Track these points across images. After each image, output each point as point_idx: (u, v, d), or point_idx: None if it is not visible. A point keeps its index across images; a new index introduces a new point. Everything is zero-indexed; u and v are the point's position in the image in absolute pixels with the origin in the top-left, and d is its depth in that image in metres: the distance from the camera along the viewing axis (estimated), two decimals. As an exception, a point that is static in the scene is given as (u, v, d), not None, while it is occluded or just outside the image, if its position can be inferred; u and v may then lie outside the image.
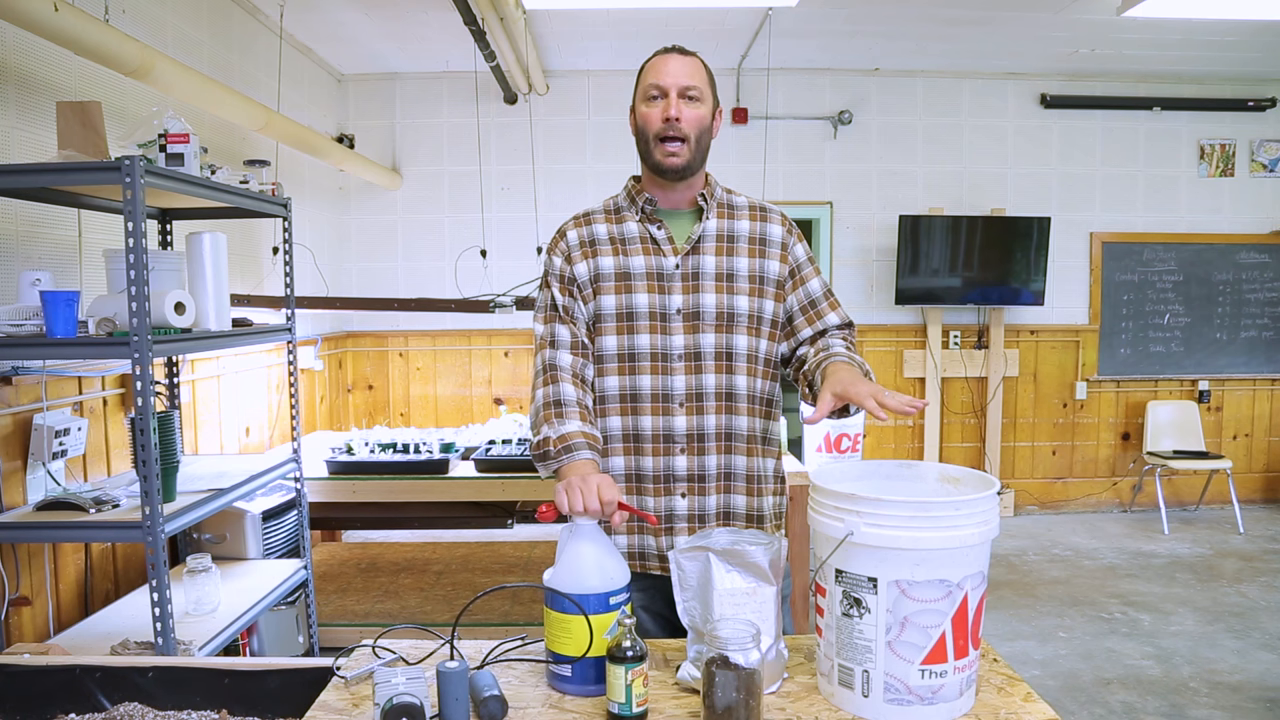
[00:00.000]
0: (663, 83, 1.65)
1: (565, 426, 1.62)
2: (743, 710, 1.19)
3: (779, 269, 1.74)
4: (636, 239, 1.72)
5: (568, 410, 1.65)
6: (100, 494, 2.33)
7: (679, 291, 1.69)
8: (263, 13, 4.29)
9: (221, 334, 2.58)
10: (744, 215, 1.76)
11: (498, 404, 5.80)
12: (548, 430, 1.62)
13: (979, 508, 1.23)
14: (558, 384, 1.68)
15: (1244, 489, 5.98)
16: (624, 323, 1.70)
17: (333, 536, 5.06)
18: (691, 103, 1.66)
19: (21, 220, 2.57)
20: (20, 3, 2.20)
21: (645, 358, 1.69)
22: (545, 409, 1.66)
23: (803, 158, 5.77)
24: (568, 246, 1.75)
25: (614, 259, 1.71)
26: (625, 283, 1.70)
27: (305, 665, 1.46)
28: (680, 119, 1.64)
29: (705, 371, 1.69)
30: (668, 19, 4.66)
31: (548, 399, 1.67)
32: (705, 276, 1.70)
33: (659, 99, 1.66)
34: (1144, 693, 3.35)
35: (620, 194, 1.80)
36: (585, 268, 1.72)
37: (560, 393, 1.67)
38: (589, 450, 1.60)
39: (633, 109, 1.73)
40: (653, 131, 1.66)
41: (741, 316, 1.70)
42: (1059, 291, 5.89)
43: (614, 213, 1.77)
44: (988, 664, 1.42)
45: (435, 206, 5.72)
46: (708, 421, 1.69)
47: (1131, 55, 5.33)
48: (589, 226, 1.76)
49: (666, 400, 1.68)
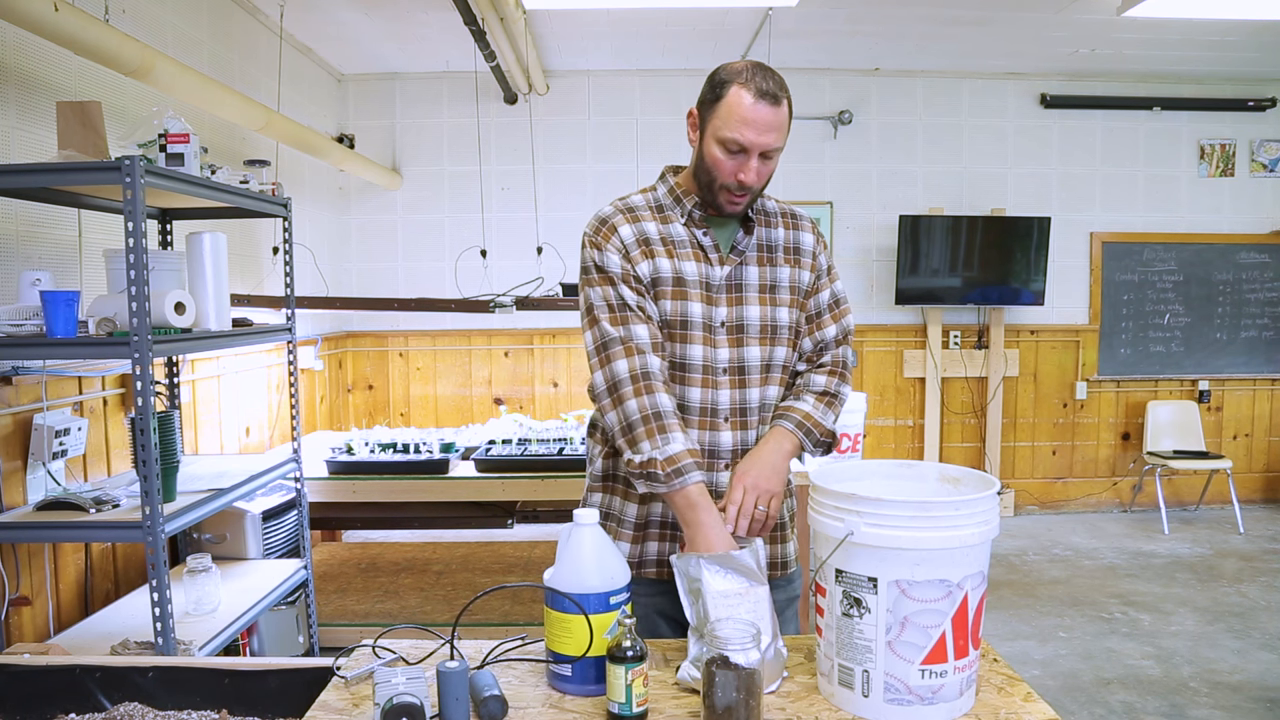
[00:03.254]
0: (746, 141, 1.53)
1: (671, 447, 1.52)
2: (743, 710, 1.19)
3: (809, 279, 1.71)
4: (686, 244, 1.64)
5: (669, 424, 1.54)
6: (100, 494, 2.33)
7: (724, 303, 1.64)
8: (263, 13, 4.29)
9: (221, 334, 2.58)
10: (778, 223, 1.72)
11: (498, 404, 5.80)
12: (652, 452, 1.52)
13: (979, 508, 1.23)
14: (654, 394, 1.55)
15: (1244, 489, 5.98)
16: (677, 331, 1.62)
17: (333, 536, 5.06)
18: (767, 162, 1.58)
19: (21, 220, 2.57)
20: (20, 3, 2.20)
21: (697, 369, 1.62)
22: (645, 423, 1.53)
23: (803, 157, 5.77)
24: (623, 243, 1.62)
25: (670, 261, 1.62)
26: (680, 289, 1.62)
27: (305, 665, 1.46)
28: (755, 183, 1.57)
29: (749, 386, 1.65)
30: (668, 19, 4.66)
31: (644, 410, 1.54)
32: (749, 288, 1.65)
33: (737, 155, 1.55)
34: (1144, 693, 3.35)
35: (660, 189, 1.70)
36: (647, 268, 1.62)
37: (658, 404, 1.55)
38: (698, 472, 1.53)
39: (698, 120, 1.61)
40: (721, 182, 1.58)
41: (783, 329, 1.67)
42: (1059, 291, 5.89)
43: (657, 210, 1.67)
44: (988, 664, 1.42)
45: (435, 206, 5.72)
46: (750, 436, 1.66)
47: (1131, 55, 5.33)
48: (639, 224, 1.65)
49: (713, 415, 1.63)
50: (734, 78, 1.54)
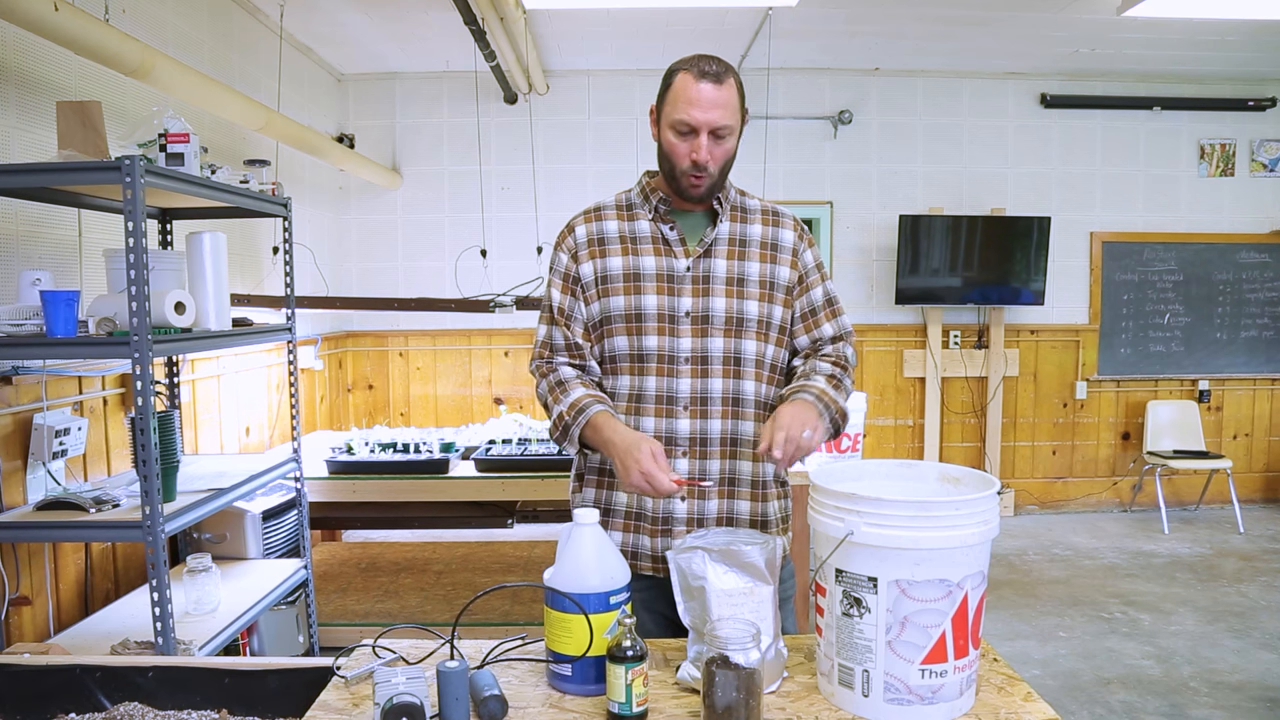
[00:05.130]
0: (693, 120, 1.59)
1: (570, 396, 1.65)
2: (743, 710, 1.19)
3: (789, 275, 1.73)
4: (648, 238, 1.70)
5: (569, 385, 1.68)
6: (100, 494, 2.33)
7: (689, 294, 1.68)
8: (263, 13, 4.29)
9: (222, 334, 2.58)
10: (756, 219, 1.75)
11: (498, 404, 5.80)
12: (558, 407, 1.66)
13: (979, 507, 1.23)
14: (555, 370, 1.71)
15: (1244, 489, 5.98)
16: (633, 324, 1.68)
17: (333, 536, 5.06)
18: (720, 141, 1.61)
19: (21, 220, 2.57)
20: (20, 3, 2.20)
21: (653, 359, 1.68)
22: (550, 392, 1.69)
23: (803, 157, 5.77)
24: (575, 243, 1.73)
25: (623, 259, 1.69)
26: (635, 284, 1.68)
27: (305, 665, 1.46)
28: (708, 161, 1.61)
29: (712, 375, 1.67)
30: (668, 19, 4.66)
31: (550, 385, 1.70)
32: (716, 280, 1.68)
33: (688, 135, 1.61)
34: (1144, 692, 3.35)
35: (634, 189, 1.77)
36: (591, 268, 1.70)
37: (559, 375, 1.70)
38: (600, 404, 1.63)
39: (655, 115, 1.68)
40: (679, 166, 1.63)
41: (750, 321, 1.69)
42: (1059, 291, 5.89)
43: (626, 209, 1.74)
44: (988, 664, 1.42)
45: (435, 206, 5.72)
46: (712, 426, 1.68)
47: (1131, 55, 5.33)
48: (599, 223, 1.73)
49: (670, 402, 1.67)
50: (680, 67, 1.63)
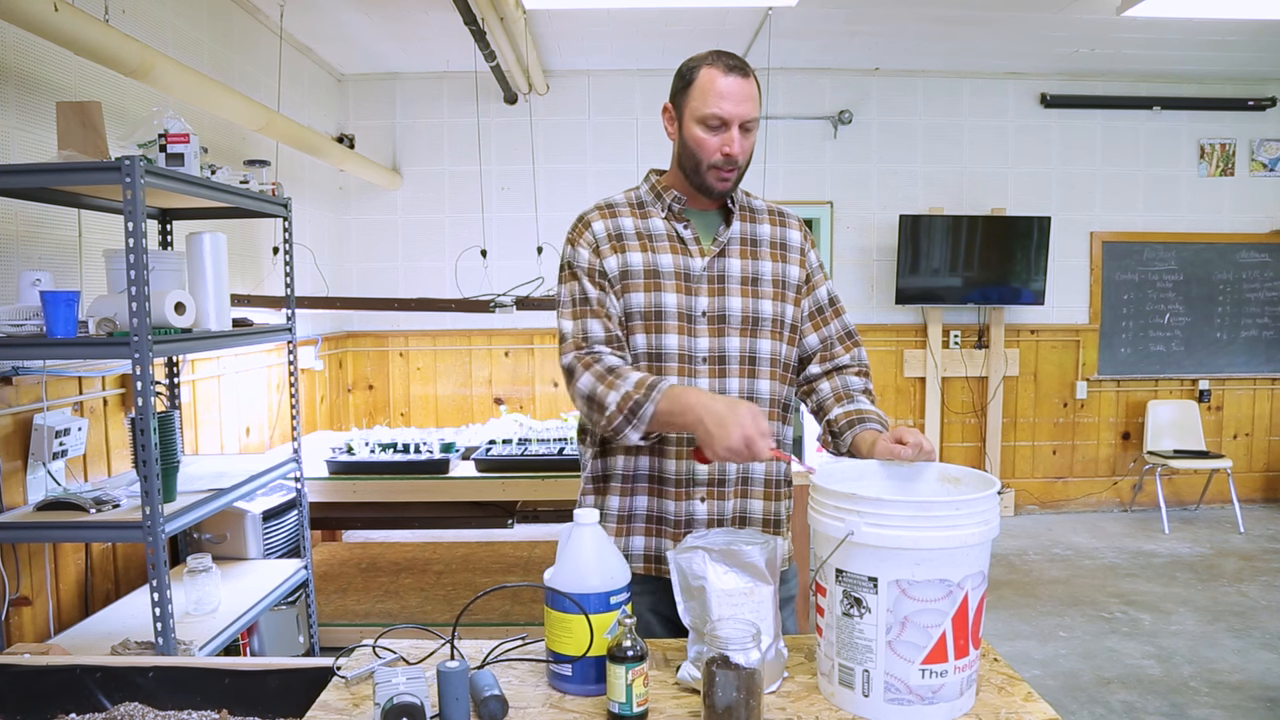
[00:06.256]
0: (725, 113, 1.58)
1: (633, 376, 1.55)
2: (743, 710, 1.19)
3: (799, 274, 1.74)
4: (664, 236, 1.69)
5: (622, 371, 1.57)
6: (100, 494, 2.33)
7: (705, 294, 1.67)
8: (263, 13, 4.29)
9: (222, 334, 2.58)
10: (764, 219, 1.75)
11: (498, 404, 5.80)
12: (617, 391, 1.53)
13: (979, 507, 1.23)
14: (601, 360, 1.60)
15: (1244, 488, 5.98)
16: (652, 321, 1.65)
17: (333, 536, 5.06)
18: (748, 134, 1.62)
19: (21, 220, 2.57)
20: (20, 3, 2.20)
21: (673, 358, 1.65)
22: (601, 381, 1.56)
23: (803, 157, 5.77)
24: (594, 238, 1.68)
25: (643, 255, 1.67)
26: (654, 280, 1.66)
27: (305, 665, 1.46)
28: (739, 155, 1.61)
29: (729, 375, 1.67)
30: (668, 19, 4.66)
31: (599, 373, 1.58)
32: (731, 280, 1.68)
33: (719, 129, 1.60)
34: (1144, 692, 3.35)
35: (642, 187, 1.75)
36: (615, 262, 1.66)
37: (607, 364, 1.59)
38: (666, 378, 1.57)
39: (674, 112, 1.66)
40: (709, 161, 1.62)
41: (766, 321, 1.69)
42: (1059, 291, 5.89)
43: (638, 207, 1.72)
44: (988, 664, 1.42)
45: (435, 206, 5.72)
46: None
47: (1131, 55, 5.33)
48: (614, 219, 1.70)
49: None
50: (701, 62, 1.63)
